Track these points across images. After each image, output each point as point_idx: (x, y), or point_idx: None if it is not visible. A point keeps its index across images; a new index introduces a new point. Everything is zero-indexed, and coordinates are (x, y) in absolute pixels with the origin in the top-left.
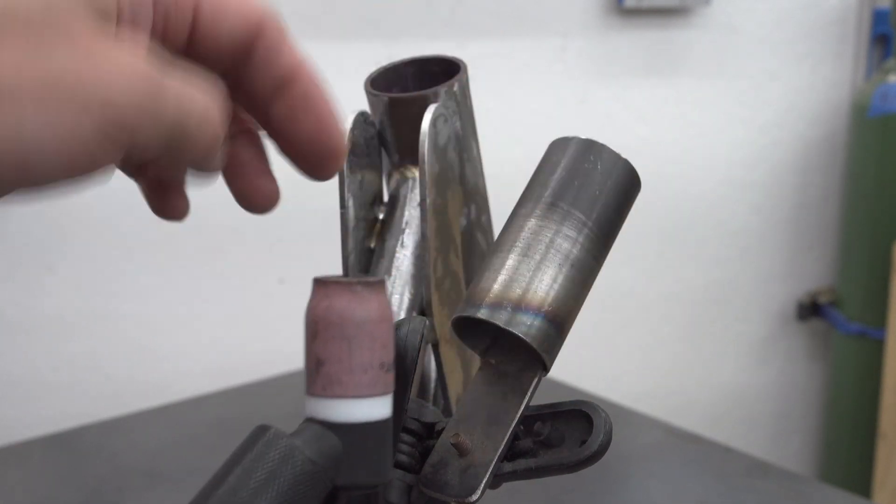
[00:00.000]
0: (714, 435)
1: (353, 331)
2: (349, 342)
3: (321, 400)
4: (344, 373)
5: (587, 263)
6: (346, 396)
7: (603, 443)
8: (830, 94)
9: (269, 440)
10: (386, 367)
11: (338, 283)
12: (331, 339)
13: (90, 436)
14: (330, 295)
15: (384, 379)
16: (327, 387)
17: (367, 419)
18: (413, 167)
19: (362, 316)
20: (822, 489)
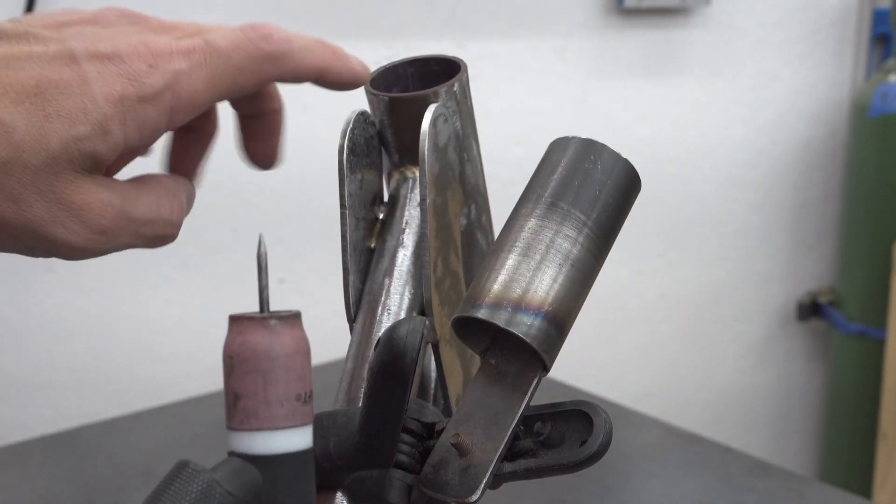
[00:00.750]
0: (714, 435)
1: (268, 364)
2: (264, 376)
3: (240, 433)
4: (260, 406)
5: (587, 263)
6: (263, 429)
7: (603, 443)
8: (830, 94)
9: (189, 475)
10: (303, 398)
11: (251, 318)
12: (246, 374)
13: (90, 436)
14: (244, 331)
15: (301, 411)
16: (245, 420)
17: (286, 450)
18: (413, 167)
19: (276, 350)
20: (822, 489)
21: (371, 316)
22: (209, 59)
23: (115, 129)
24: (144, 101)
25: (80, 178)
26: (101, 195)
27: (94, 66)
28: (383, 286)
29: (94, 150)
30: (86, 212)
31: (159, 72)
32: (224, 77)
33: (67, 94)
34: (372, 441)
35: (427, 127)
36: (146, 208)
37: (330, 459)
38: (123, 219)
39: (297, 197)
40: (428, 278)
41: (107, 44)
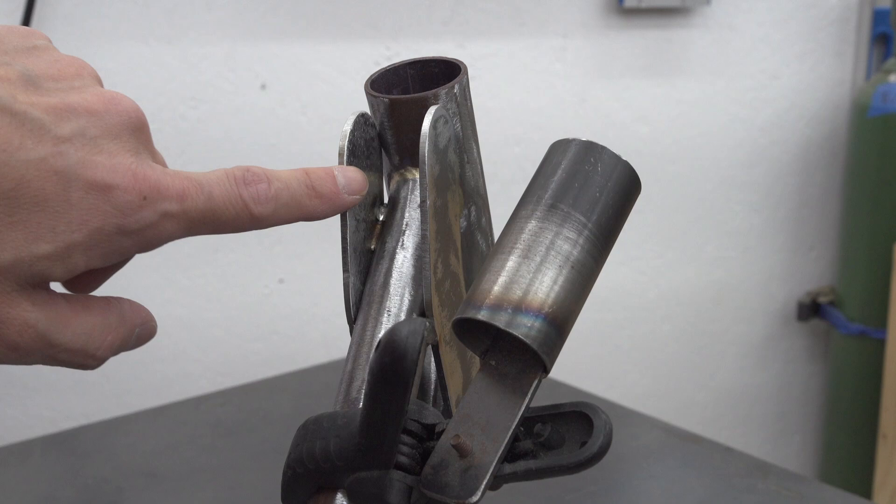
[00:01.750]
0: (714, 435)
1: None
2: None
3: None
4: None
5: (587, 265)
6: None
7: (603, 444)
8: (830, 94)
9: None
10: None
11: None
12: None
13: (90, 436)
14: None
15: None
16: None
17: None
18: (413, 169)
19: None
20: (822, 489)
21: (371, 317)
22: (198, 206)
23: (78, 255)
24: (123, 235)
25: (15, 293)
26: (28, 315)
27: (83, 191)
28: (383, 287)
29: (47, 271)
30: (5, 328)
31: (150, 209)
32: (204, 225)
33: (42, 210)
34: (372, 442)
35: (427, 129)
36: (71, 336)
37: (330, 460)
38: (41, 342)
39: None
40: (428, 280)
41: (104, 166)
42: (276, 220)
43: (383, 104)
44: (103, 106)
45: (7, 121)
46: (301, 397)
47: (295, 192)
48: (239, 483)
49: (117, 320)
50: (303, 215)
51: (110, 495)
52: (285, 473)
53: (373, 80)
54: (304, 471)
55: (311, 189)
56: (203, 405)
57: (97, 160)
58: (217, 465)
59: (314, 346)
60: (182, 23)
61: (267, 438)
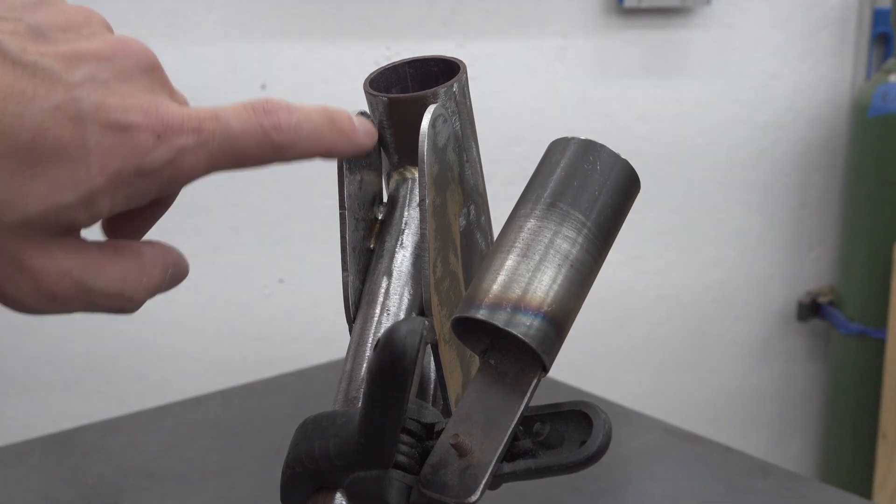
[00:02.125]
0: (714, 435)
1: None
2: None
3: None
4: None
5: (586, 264)
6: None
7: (602, 444)
8: (831, 94)
9: None
10: None
11: None
12: None
13: (90, 436)
14: None
15: None
16: None
17: None
18: (412, 168)
19: None
20: (822, 489)
21: (370, 317)
22: (215, 138)
23: (102, 201)
24: (141, 176)
25: (46, 243)
26: (62, 263)
27: (99, 134)
28: (383, 287)
29: (73, 219)
30: (41, 277)
31: (165, 146)
32: (226, 159)
33: (61, 158)
34: (371, 442)
35: (426, 127)
36: (107, 281)
37: (329, 460)
38: (78, 288)
39: (296, 197)
40: (427, 279)
41: (118, 107)
42: (298, 151)
43: (382, 103)
44: (112, 50)
45: (19, 73)
46: (301, 397)
47: (316, 123)
48: (239, 483)
49: (150, 263)
50: (324, 148)
51: (110, 495)
52: (284, 473)
53: (372, 79)
54: (303, 470)
55: (332, 122)
56: (203, 405)
57: (110, 102)
58: (217, 465)
59: (314, 346)
60: (182, 23)
61: (267, 438)
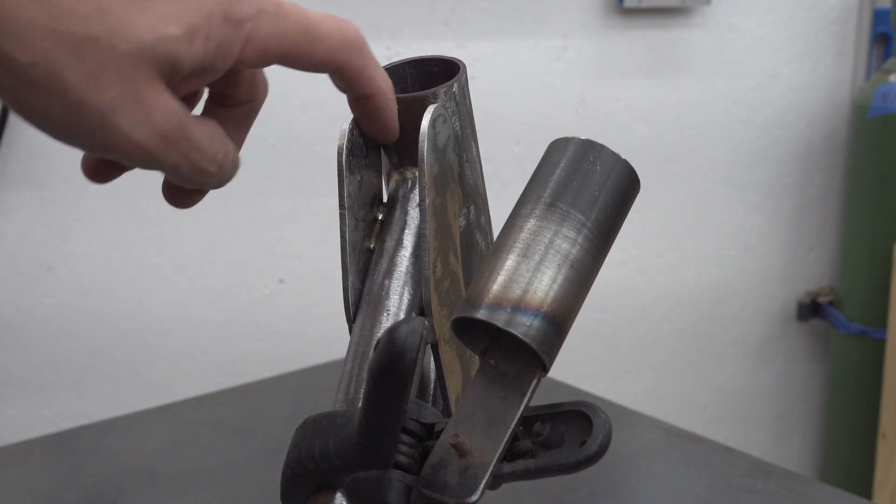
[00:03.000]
0: (714, 435)
1: None
2: None
3: None
4: None
5: (586, 264)
6: None
7: (602, 444)
8: (830, 94)
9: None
10: None
11: None
12: None
13: (90, 436)
14: None
15: None
16: None
17: None
18: (412, 168)
19: None
20: (822, 489)
21: (370, 317)
22: (291, 18)
23: (199, 41)
24: (227, 23)
25: (156, 79)
26: (170, 102)
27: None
28: (382, 287)
29: (177, 54)
30: (154, 112)
31: (247, 3)
32: (296, 44)
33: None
34: (371, 442)
35: (426, 127)
36: (201, 135)
37: (329, 460)
38: (182, 132)
39: (296, 197)
40: (427, 279)
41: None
42: (357, 84)
43: None
44: None
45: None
46: (301, 397)
47: (384, 78)
48: (239, 483)
49: (225, 135)
50: (372, 93)
51: (110, 495)
52: (284, 473)
53: None
54: (303, 470)
55: (391, 89)
56: (203, 405)
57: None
58: (217, 465)
59: (314, 346)
60: None
61: (267, 438)
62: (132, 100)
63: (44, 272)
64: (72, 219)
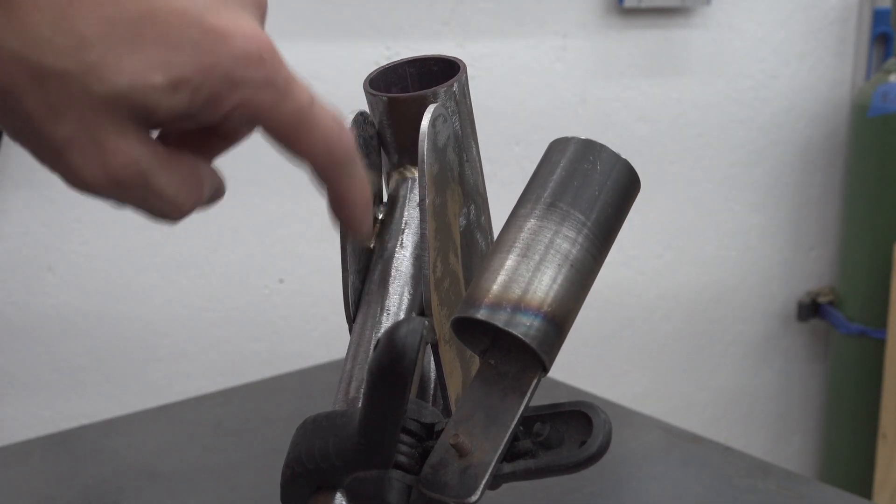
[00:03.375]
0: (714, 435)
1: None
2: None
3: None
4: None
5: (586, 263)
6: None
7: (602, 444)
8: (830, 94)
9: None
10: None
11: None
12: None
13: (90, 436)
14: None
15: None
16: None
17: None
18: (412, 167)
19: None
20: (822, 489)
21: (370, 316)
22: (294, 104)
23: (185, 93)
24: (227, 83)
25: (124, 123)
26: (134, 149)
27: (203, 34)
28: (383, 287)
29: (155, 103)
30: (112, 157)
31: (258, 70)
32: (285, 130)
33: (163, 42)
34: (371, 442)
35: (426, 127)
36: (167, 184)
37: (329, 460)
38: (140, 180)
39: (296, 197)
40: (427, 279)
41: (230, 18)
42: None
43: (382, 103)
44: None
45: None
46: (301, 397)
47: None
48: (239, 483)
49: (205, 176)
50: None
51: (110, 495)
52: (284, 473)
53: (372, 79)
54: (303, 470)
55: (367, 196)
56: (203, 405)
57: (223, 12)
58: (217, 465)
59: (314, 346)
60: None
61: (267, 438)
62: (89, 141)
63: (44, 272)
64: (72, 219)
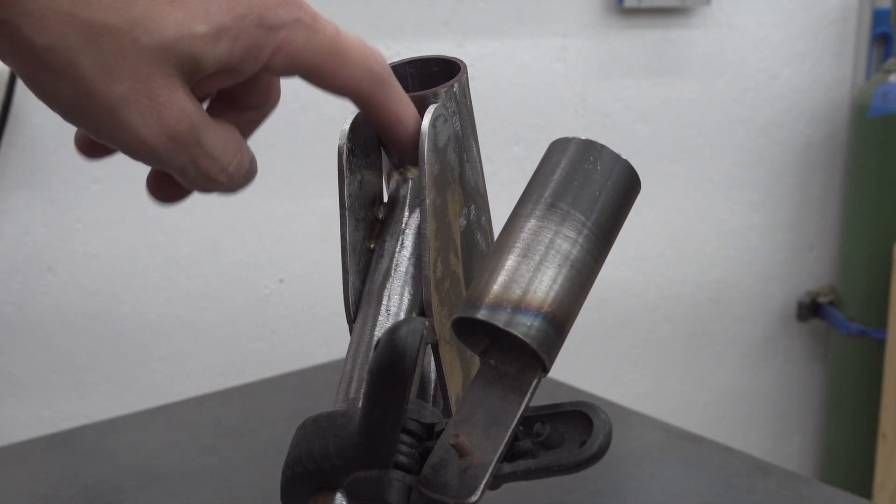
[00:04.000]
0: (714, 435)
1: None
2: None
3: None
4: None
5: (587, 264)
6: None
7: (602, 444)
8: (830, 94)
9: None
10: None
11: None
12: None
13: (90, 436)
14: None
15: None
16: None
17: None
18: (413, 168)
19: None
20: (822, 489)
21: (371, 317)
22: (328, 32)
23: (226, 41)
24: (261, 27)
25: (174, 77)
26: (185, 103)
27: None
28: (383, 287)
29: (200, 53)
30: (166, 110)
31: (286, 10)
32: (323, 63)
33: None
34: (371, 442)
35: (427, 127)
36: (215, 141)
37: (329, 460)
38: (193, 136)
39: (296, 197)
40: (427, 279)
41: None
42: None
43: None
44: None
45: None
46: (301, 397)
47: (406, 102)
48: (239, 483)
49: (243, 142)
50: (390, 123)
51: (110, 495)
52: (284, 473)
53: None
54: (303, 470)
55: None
56: (203, 405)
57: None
58: (217, 465)
59: (314, 346)
60: None
61: (267, 438)
62: (144, 96)
63: (44, 272)
64: (72, 219)
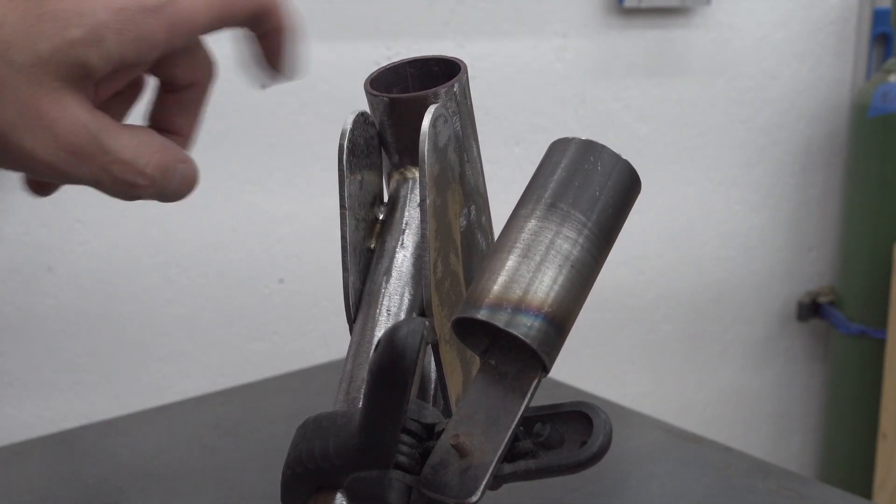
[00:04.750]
0: (714, 435)
1: None
2: None
3: None
4: None
5: (587, 264)
6: None
7: (603, 444)
8: (831, 94)
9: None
10: None
11: None
12: None
13: (90, 436)
14: None
15: None
16: None
17: None
18: (413, 168)
19: None
20: (822, 489)
21: (371, 317)
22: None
23: (111, 38)
24: (145, 12)
25: (61, 90)
26: (77, 113)
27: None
28: (383, 287)
29: (84, 58)
30: (60, 127)
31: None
32: (222, 7)
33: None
34: (371, 442)
35: (427, 127)
36: (123, 145)
37: (329, 460)
38: (96, 145)
39: (296, 197)
40: (428, 279)
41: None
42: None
43: (383, 103)
44: None
45: None
46: (301, 397)
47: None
48: (239, 483)
49: (162, 143)
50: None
51: (110, 495)
52: (284, 473)
53: (372, 79)
54: (303, 470)
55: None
56: (203, 405)
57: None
58: (217, 465)
59: (314, 346)
60: None
61: (267, 438)
62: (33, 116)
63: (44, 272)
64: (72, 219)
